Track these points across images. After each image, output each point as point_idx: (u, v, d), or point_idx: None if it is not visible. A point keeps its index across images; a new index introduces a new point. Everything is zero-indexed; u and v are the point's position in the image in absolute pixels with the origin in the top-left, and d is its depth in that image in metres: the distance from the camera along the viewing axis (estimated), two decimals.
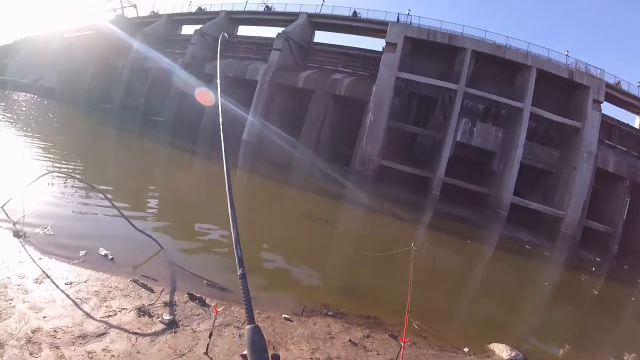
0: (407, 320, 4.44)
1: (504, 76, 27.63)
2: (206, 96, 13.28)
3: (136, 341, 4.01)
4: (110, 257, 5.89)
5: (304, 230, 10.97)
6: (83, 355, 3.59)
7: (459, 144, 27.51)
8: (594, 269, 18.78)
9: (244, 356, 1.42)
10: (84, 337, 3.84)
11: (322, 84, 28.00)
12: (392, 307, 6.94)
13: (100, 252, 5.92)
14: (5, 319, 3.73)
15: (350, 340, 5.36)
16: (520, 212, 24.85)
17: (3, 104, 14.09)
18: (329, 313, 6.11)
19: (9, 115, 13.26)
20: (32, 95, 14.55)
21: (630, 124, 33.00)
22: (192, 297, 5.29)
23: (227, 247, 8.05)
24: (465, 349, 6.26)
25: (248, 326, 1.45)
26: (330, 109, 27.82)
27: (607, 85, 27.51)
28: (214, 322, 4.17)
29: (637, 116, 33.60)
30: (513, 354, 6.26)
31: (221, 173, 2.03)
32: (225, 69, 30.82)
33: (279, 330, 5.16)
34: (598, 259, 21.41)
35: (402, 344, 4.09)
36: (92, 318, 4.19)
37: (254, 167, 19.41)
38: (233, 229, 1.71)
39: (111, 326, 4.15)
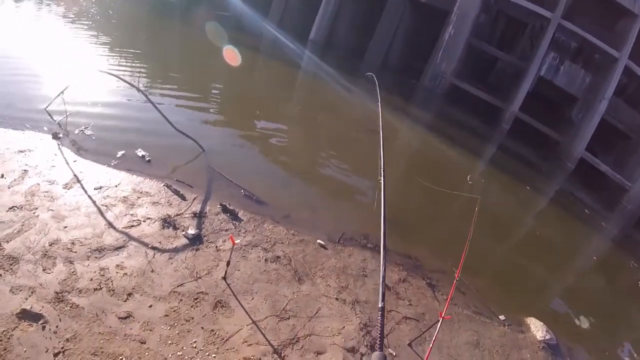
0: (453, 290, 3.90)
1: (605, 17, 23.06)
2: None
3: (153, 258, 3.83)
4: (147, 159, 5.66)
5: (356, 143, 10.20)
6: (95, 271, 3.46)
7: (541, 80, 24.43)
8: None
9: None
10: (100, 250, 3.70)
11: None
12: (436, 250, 6.36)
13: (137, 153, 5.70)
14: (26, 231, 3.65)
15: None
16: (587, 170, 22.43)
17: (62, 2, 13.82)
18: (368, 245, 5.63)
19: (67, 10, 13.05)
20: None
21: None
22: (224, 209, 5.00)
23: (276, 153, 7.68)
24: (502, 317, 5.70)
25: (375, 352, 1.46)
26: (407, 16, 25.18)
27: None
28: (231, 252, 3.86)
29: None
30: (548, 337, 5.72)
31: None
32: None
33: (310, 258, 4.81)
34: None
35: (441, 319, 3.55)
36: (114, 228, 4.04)
37: (317, 71, 18.43)
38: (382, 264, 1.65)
39: (131, 238, 3.99)
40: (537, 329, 5.82)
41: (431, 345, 3.65)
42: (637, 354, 7.94)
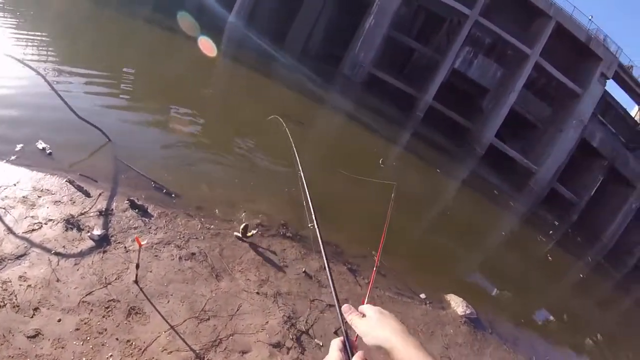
0: (373, 279, 4.12)
1: (521, 17, 25.45)
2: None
3: (58, 265, 3.59)
4: (48, 152, 5.20)
5: (272, 130, 10.25)
6: None
7: (455, 72, 26.61)
8: (551, 232, 19.53)
9: None
10: (1, 261, 3.39)
11: None
12: (356, 236, 6.65)
13: (38, 146, 5.21)
14: None
15: (305, 272, 5.09)
16: (496, 156, 25.14)
17: None
18: (287, 234, 5.73)
19: None
20: None
21: (627, 110, 32.88)
22: (132, 205, 4.76)
23: (189, 142, 7.44)
24: (422, 295, 6.17)
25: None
26: (329, 4, 25.40)
27: (620, 65, 26.38)
28: (139, 254, 3.70)
29: (637, 105, 32.54)
30: (468, 311, 6.31)
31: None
32: None
33: (227, 252, 4.80)
34: (556, 223, 22.45)
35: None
36: (14, 234, 3.71)
37: (237, 53, 17.88)
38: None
39: (33, 244, 3.69)
40: (457, 304, 6.36)
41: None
42: (551, 316, 9.09)
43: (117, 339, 3.20)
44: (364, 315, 1.29)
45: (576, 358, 8.12)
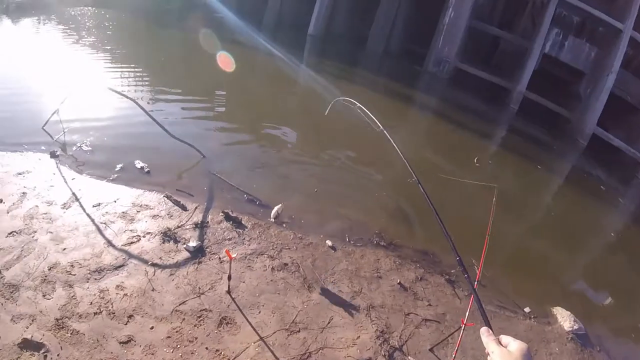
0: (472, 300, 3.48)
1: None
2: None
3: (154, 275, 3.68)
4: (146, 170, 5.50)
5: (366, 137, 9.93)
6: (95, 294, 3.32)
7: (546, 57, 23.79)
8: None
9: None
10: (99, 271, 3.57)
11: None
12: (458, 245, 6.08)
13: (136, 165, 5.55)
14: (25, 256, 3.53)
15: (399, 284, 4.67)
16: (599, 146, 21.93)
17: (61, 19, 13.76)
18: (381, 243, 5.37)
19: (65, 27, 13.00)
20: (89, 8, 14.26)
21: None
22: (227, 217, 4.81)
23: (281, 154, 7.45)
24: (527, 309, 5.41)
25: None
26: (405, 1, 24.74)
27: None
28: (230, 266, 3.65)
29: None
30: (576, 326, 5.41)
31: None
32: None
33: (319, 262, 4.58)
34: None
35: (463, 326, 3.32)
36: (113, 246, 3.90)
37: (319, 63, 18.07)
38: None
39: (131, 256, 3.84)
40: (564, 319, 5.54)
41: (454, 354, 3.43)
42: None
43: (206, 348, 3.14)
44: (501, 344, 1.23)
45: None
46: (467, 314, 3.58)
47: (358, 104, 3.45)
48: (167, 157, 6.01)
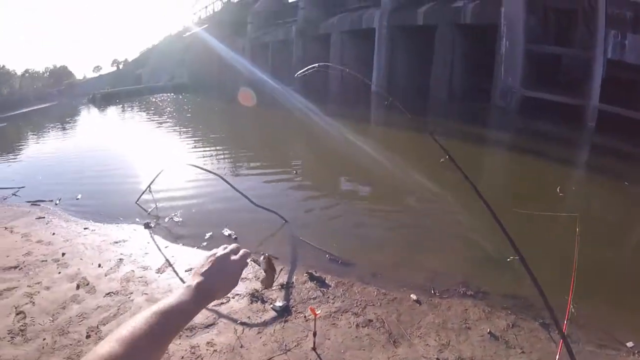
0: (562, 344, 3.32)
1: None
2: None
3: (242, 333, 3.80)
4: (234, 237, 5.86)
5: (436, 181, 9.70)
6: (186, 350, 3.50)
7: (610, 62, 22.05)
8: None
9: None
10: (192, 329, 3.77)
11: (443, 15, 24.76)
12: (545, 282, 5.56)
13: (224, 233, 5.92)
14: (122, 314, 3.85)
15: (490, 333, 4.35)
16: None
17: (142, 105, 15.74)
18: (468, 293, 5.09)
19: (147, 112, 14.82)
20: (168, 94, 16.37)
21: None
22: (311, 277, 4.92)
23: (358, 213, 7.53)
24: (629, 344, 4.76)
25: None
26: (458, 42, 24.89)
27: None
28: (315, 324, 3.72)
29: None
30: None
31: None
32: (339, 25, 29.33)
33: (404, 317, 4.43)
34: None
35: None
36: (205, 307, 4.13)
37: (386, 118, 18.48)
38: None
39: (220, 315, 4.03)
40: None
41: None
42: None
43: None
44: None
45: None
46: (557, 357, 3.25)
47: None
48: (252, 225, 6.39)
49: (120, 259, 4.89)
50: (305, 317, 4.18)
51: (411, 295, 4.81)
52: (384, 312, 4.47)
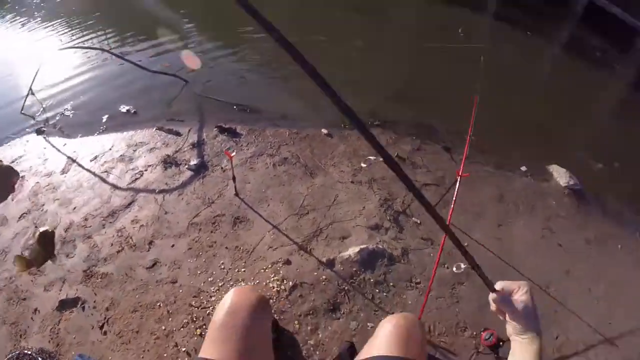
0: (467, 147, 3.79)
1: None
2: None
3: (164, 200, 3.86)
4: (133, 112, 5.51)
5: (340, 24, 9.02)
6: (113, 235, 3.54)
7: None
8: None
9: None
10: (112, 214, 3.76)
11: None
12: (450, 113, 5.93)
13: (121, 110, 5.54)
14: (40, 228, 3.71)
15: (397, 155, 4.76)
16: (596, 13, 19.98)
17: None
18: (376, 122, 5.42)
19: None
20: None
21: None
22: (221, 130, 4.91)
23: (260, 55, 7.14)
24: (523, 168, 5.44)
25: None
26: None
27: None
28: (232, 166, 3.82)
29: None
30: (572, 182, 5.41)
31: None
32: None
33: (317, 150, 4.70)
34: None
35: (458, 177, 3.32)
36: (119, 188, 4.06)
37: None
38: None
39: (138, 191, 4.01)
40: (560, 175, 5.60)
41: (452, 204, 3.55)
42: None
43: (226, 247, 3.38)
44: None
45: None
46: (461, 165, 3.66)
47: None
48: (150, 94, 5.94)
49: (22, 177, 4.52)
50: (222, 168, 4.28)
51: (322, 130, 5.02)
52: (298, 148, 4.67)
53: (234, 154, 4.24)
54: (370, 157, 4.53)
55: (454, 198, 3.39)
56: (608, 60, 16.69)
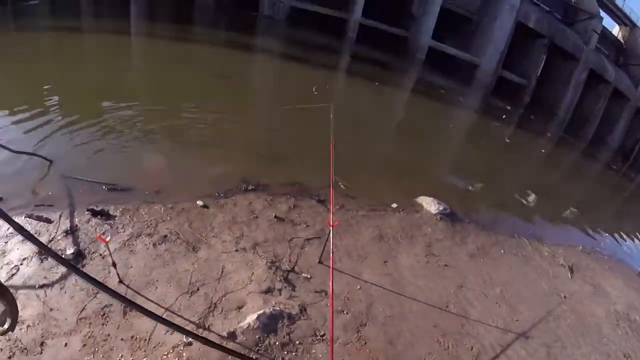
0: (332, 197, 4.46)
1: None
2: None
3: (46, 296, 3.81)
4: None
5: (204, 91, 9.78)
6: (1, 340, 3.36)
7: None
8: (504, 116, 20.27)
9: None
10: None
11: None
12: (316, 168, 6.60)
13: None
14: None
15: (276, 217, 5.25)
16: (437, 57, 25.35)
17: None
18: (249, 187, 5.88)
19: None
20: None
21: None
22: (93, 213, 4.87)
23: (127, 130, 7.18)
24: (394, 205, 6.18)
25: None
26: None
27: None
28: (110, 252, 3.89)
29: None
30: (441, 208, 6.42)
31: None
32: None
33: (196, 224, 4.99)
34: (509, 108, 23.51)
35: (331, 227, 3.99)
36: None
37: (151, 29, 16.50)
38: None
39: (17, 288, 3.87)
40: (429, 204, 6.49)
41: (331, 254, 4.08)
42: (526, 195, 9.24)
43: (122, 339, 3.45)
44: None
45: (556, 228, 8.58)
46: (331, 215, 4.35)
47: None
48: (14, 179, 5.53)
49: None
50: (100, 254, 4.30)
51: (198, 202, 5.34)
52: (176, 224, 4.90)
53: (109, 238, 4.26)
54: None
55: (331, 246, 3.93)
56: (452, 95, 20.41)
